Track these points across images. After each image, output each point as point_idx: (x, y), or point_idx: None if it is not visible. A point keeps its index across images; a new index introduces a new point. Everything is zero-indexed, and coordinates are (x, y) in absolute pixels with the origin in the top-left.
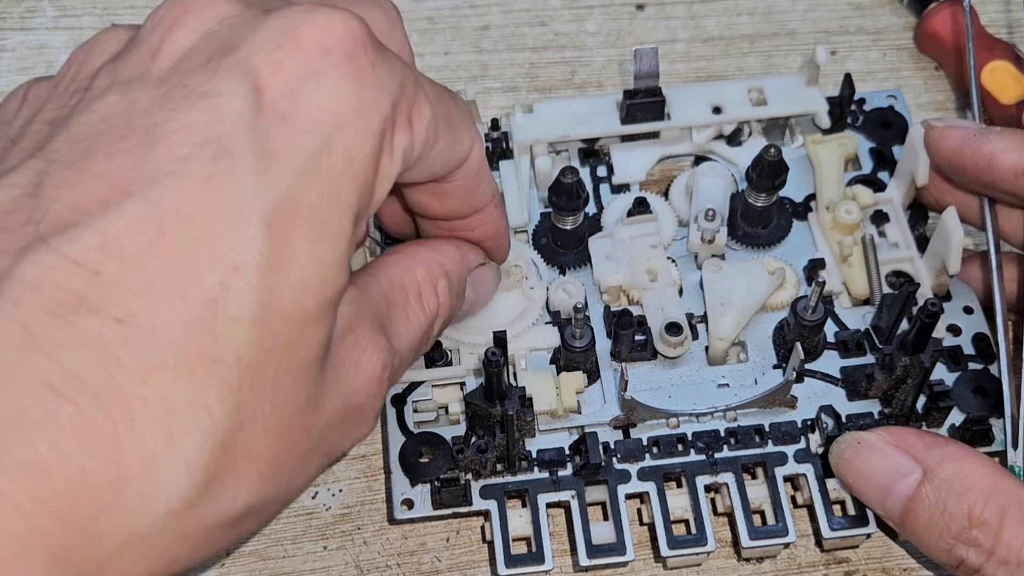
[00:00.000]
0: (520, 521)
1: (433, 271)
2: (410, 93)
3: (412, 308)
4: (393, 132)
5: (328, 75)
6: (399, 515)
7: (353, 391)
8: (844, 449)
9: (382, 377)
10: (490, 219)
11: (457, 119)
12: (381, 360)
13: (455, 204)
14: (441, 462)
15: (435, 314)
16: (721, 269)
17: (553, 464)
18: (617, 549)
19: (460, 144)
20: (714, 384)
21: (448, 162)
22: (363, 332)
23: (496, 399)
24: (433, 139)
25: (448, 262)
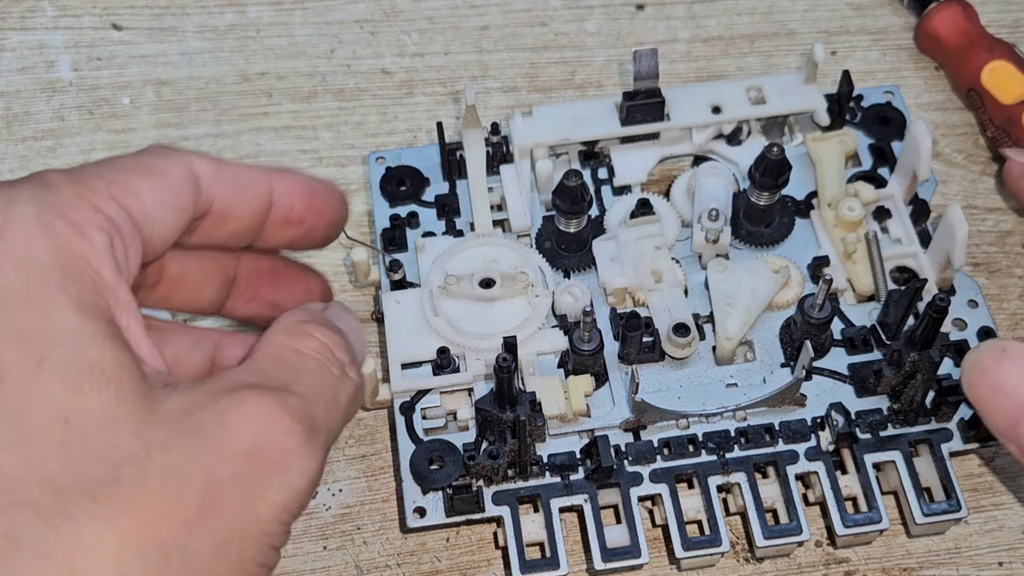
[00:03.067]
0: (533, 526)
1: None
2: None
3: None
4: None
5: None
6: (412, 523)
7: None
8: (983, 357)
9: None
10: (291, 191)
11: (153, 162)
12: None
13: (244, 210)
14: (452, 469)
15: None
16: (726, 269)
17: (564, 468)
18: (632, 552)
19: (172, 174)
20: (723, 384)
21: (178, 195)
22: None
23: (507, 405)
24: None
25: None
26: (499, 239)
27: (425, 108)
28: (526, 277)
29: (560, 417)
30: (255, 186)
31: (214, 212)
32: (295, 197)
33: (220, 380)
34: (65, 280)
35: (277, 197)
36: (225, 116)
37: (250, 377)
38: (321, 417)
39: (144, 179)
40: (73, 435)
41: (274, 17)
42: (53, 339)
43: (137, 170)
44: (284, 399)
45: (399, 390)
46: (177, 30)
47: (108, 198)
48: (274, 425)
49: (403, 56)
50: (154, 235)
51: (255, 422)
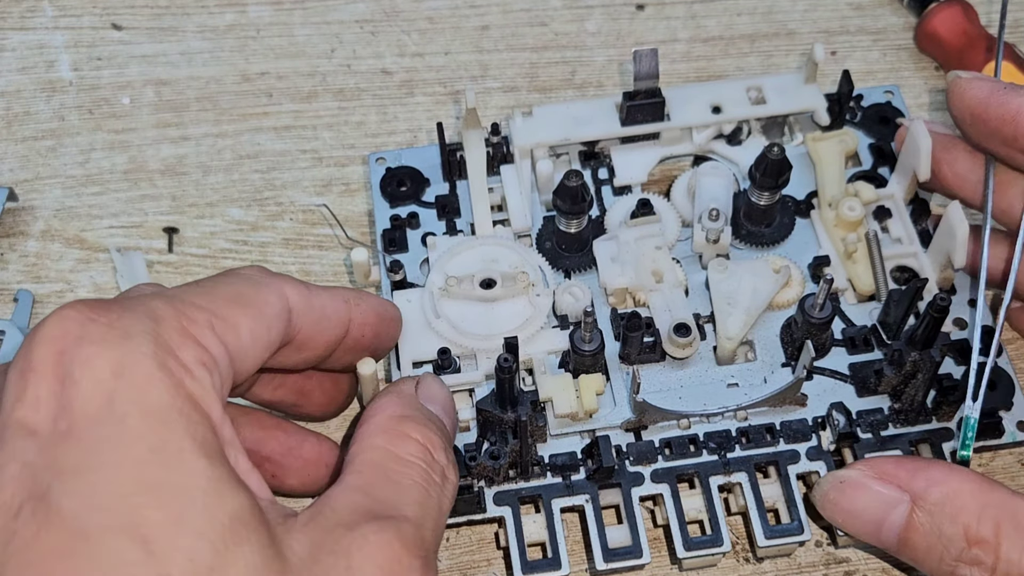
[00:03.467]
0: (535, 527)
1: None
2: (168, 315)
3: (395, 472)
4: (177, 356)
5: (76, 371)
6: None
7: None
8: (827, 491)
9: (392, 556)
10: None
11: (247, 292)
12: (377, 545)
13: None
14: None
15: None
16: (727, 269)
17: (566, 469)
18: (633, 552)
19: (269, 307)
20: (723, 384)
21: (271, 328)
22: (339, 539)
23: (508, 405)
24: (232, 330)
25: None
26: (499, 239)
27: (425, 108)
28: (527, 277)
29: (571, 416)
30: (337, 316)
31: (296, 342)
32: (368, 327)
33: (334, 510)
34: (188, 424)
35: (354, 326)
36: (225, 116)
37: (360, 501)
38: (431, 537)
39: (242, 312)
40: None
41: (274, 17)
42: (189, 493)
43: (236, 301)
44: (401, 531)
45: None
46: (177, 30)
47: (210, 332)
48: (397, 565)
49: (403, 56)
50: (244, 368)
51: (379, 565)
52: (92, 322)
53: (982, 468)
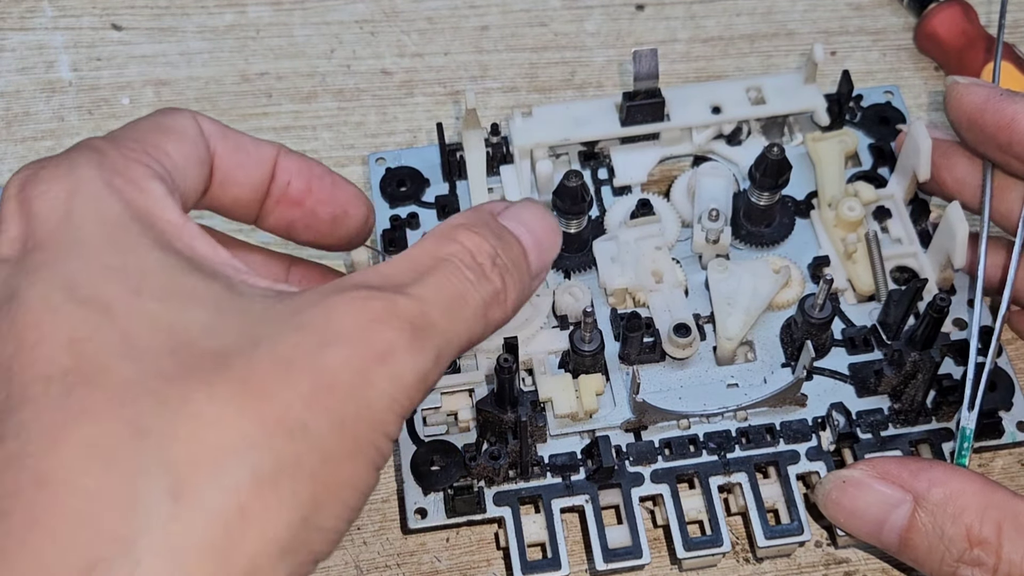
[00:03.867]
0: (534, 527)
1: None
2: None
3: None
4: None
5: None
6: (413, 524)
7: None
8: (830, 491)
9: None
10: (291, 167)
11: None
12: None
13: (245, 176)
14: (453, 470)
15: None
16: (726, 269)
17: (566, 469)
18: (633, 552)
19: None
20: (723, 384)
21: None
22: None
23: (508, 405)
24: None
25: (457, 219)
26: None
27: (425, 108)
28: None
29: (571, 416)
30: (257, 153)
31: (217, 173)
32: (293, 174)
33: (339, 282)
34: (144, 228)
35: (278, 171)
36: (225, 116)
37: (370, 278)
38: (438, 318)
39: (165, 137)
40: (179, 340)
41: (274, 17)
42: (147, 272)
43: (157, 130)
44: (393, 300)
45: None
46: (177, 30)
47: (147, 156)
48: (377, 323)
49: (403, 56)
50: (187, 189)
51: (357, 319)
52: (43, 167)
53: (982, 468)
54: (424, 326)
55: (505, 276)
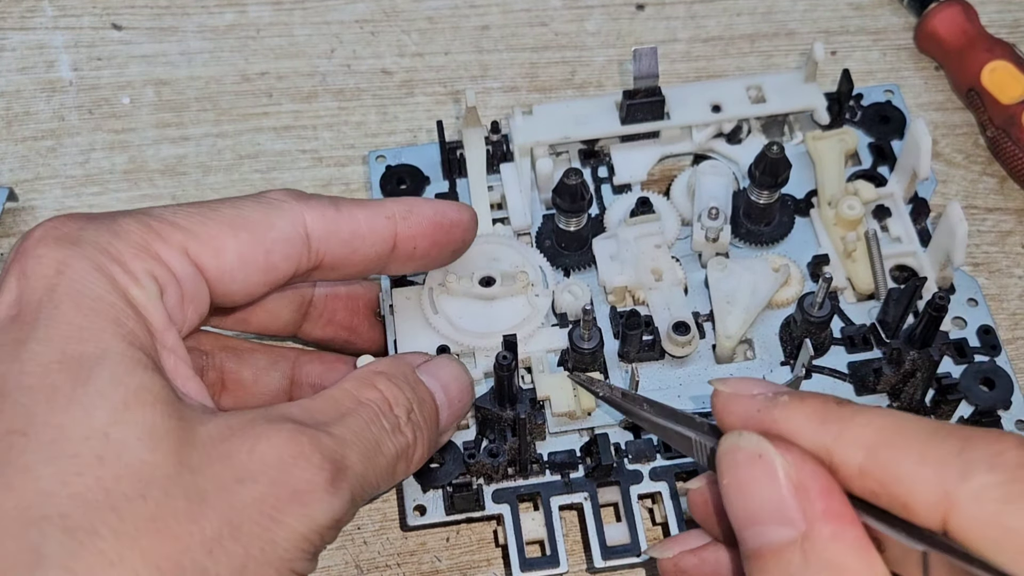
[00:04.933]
0: (533, 524)
1: (363, 375)
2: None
3: (343, 405)
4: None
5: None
6: (412, 521)
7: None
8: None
9: (297, 452)
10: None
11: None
12: (285, 438)
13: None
14: (452, 467)
15: (381, 403)
16: (726, 268)
17: (565, 466)
18: (632, 550)
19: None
20: None
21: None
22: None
23: (507, 403)
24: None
25: (380, 366)
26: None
27: (425, 108)
28: (526, 276)
29: (569, 414)
30: (375, 234)
31: (325, 266)
32: (422, 239)
33: (266, 411)
34: (116, 316)
35: (401, 241)
36: (225, 116)
37: (295, 412)
38: (355, 462)
39: (234, 235)
40: (110, 449)
41: (274, 17)
42: (100, 363)
43: (230, 223)
44: (317, 437)
45: None
46: (177, 30)
47: (178, 252)
48: (300, 459)
49: (403, 56)
50: (232, 291)
51: (280, 453)
52: (55, 229)
53: None
54: (343, 468)
55: (416, 432)
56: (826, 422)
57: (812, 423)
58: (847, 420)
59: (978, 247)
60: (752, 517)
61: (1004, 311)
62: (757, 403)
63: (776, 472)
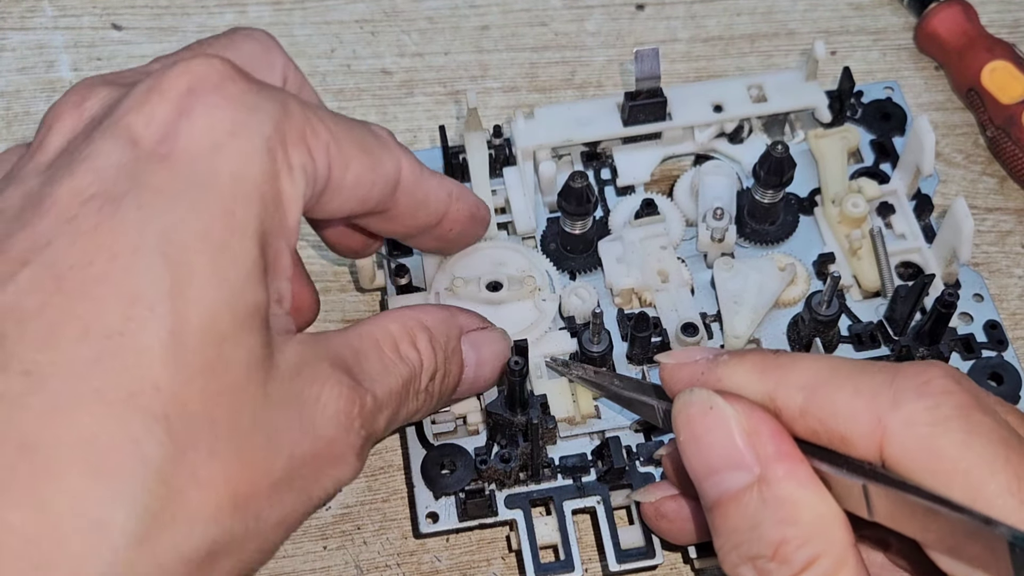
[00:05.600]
0: (546, 529)
1: (410, 326)
2: (297, 115)
3: (387, 357)
4: (286, 151)
5: (197, 110)
6: (425, 529)
7: (316, 424)
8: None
9: (349, 412)
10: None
11: (371, 143)
12: (344, 394)
13: (412, 221)
14: (464, 473)
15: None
16: (732, 267)
17: (576, 470)
18: (647, 553)
19: (381, 165)
20: None
21: (375, 185)
22: (320, 368)
23: (518, 408)
24: (342, 160)
25: (429, 319)
26: (508, 242)
27: (425, 108)
28: (533, 281)
29: (569, 420)
30: (436, 206)
31: (390, 214)
32: (459, 224)
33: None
34: (263, 211)
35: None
36: None
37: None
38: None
39: (359, 156)
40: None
41: (274, 17)
42: (236, 264)
43: (359, 143)
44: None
45: None
46: (177, 30)
47: (324, 152)
48: (351, 423)
49: (403, 56)
50: (332, 205)
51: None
52: (231, 80)
53: None
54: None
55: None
56: (766, 371)
57: (753, 374)
58: (786, 367)
59: (978, 247)
60: (709, 467)
61: (1004, 311)
62: (700, 366)
63: (728, 421)
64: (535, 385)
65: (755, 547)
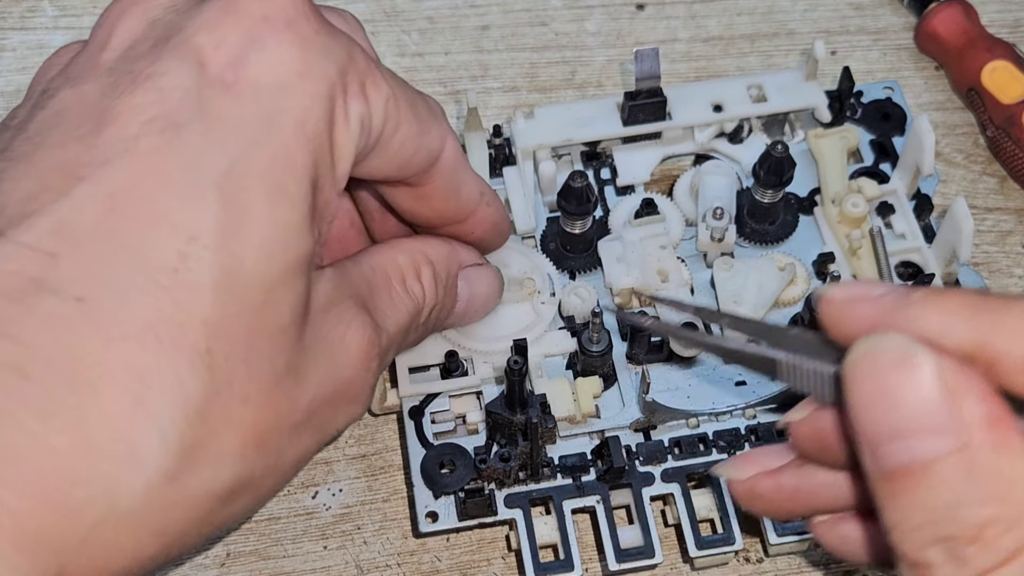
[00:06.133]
0: (546, 529)
1: (416, 259)
2: (361, 64)
3: (396, 291)
4: (346, 99)
5: (270, 42)
6: (424, 528)
7: (340, 364)
8: (885, 353)
9: (369, 352)
10: (483, 218)
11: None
12: (367, 335)
13: (440, 206)
14: (464, 473)
15: (420, 301)
16: (732, 267)
17: (576, 470)
18: (646, 552)
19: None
20: (731, 382)
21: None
22: (346, 308)
23: (518, 407)
24: (395, 119)
25: (433, 253)
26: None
27: None
28: (533, 283)
29: (569, 419)
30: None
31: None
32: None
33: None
34: (318, 155)
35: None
36: None
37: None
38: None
39: (409, 120)
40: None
41: None
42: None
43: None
44: (380, 340)
45: (407, 394)
46: None
47: (382, 106)
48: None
49: (403, 56)
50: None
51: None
52: (305, 18)
53: None
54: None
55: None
56: (977, 314)
57: (960, 318)
58: (1001, 310)
59: (978, 247)
60: (896, 430)
61: None
62: (885, 304)
63: (929, 375)
64: (535, 384)
65: (950, 527)
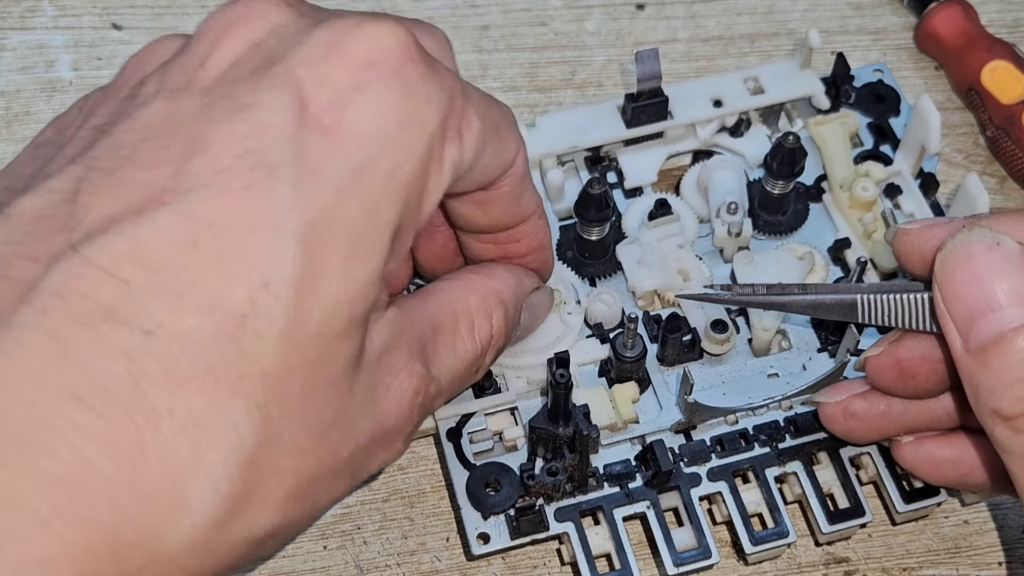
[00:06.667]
0: (598, 539)
1: (489, 300)
2: (459, 105)
3: (461, 336)
4: (443, 146)
5: (374, 89)
6: (477, 551)
7: (383, 414)
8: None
9: (413, 403)
10: (534, 230)
11: (503, 125)
12: (413, 386)
13: (500, 213)
14: (511, 491)
15: (487, 344)
16: (752, 260)
17: (622, 477)
18: (703, 553)
19: (506, 150)
20: (764, 375)
21: (496, 169)
22: (398, 357)
23: (561, 420)
24: (482, 149)
25: (505, 290)
26: None
27: None
28: (559, 295)
29: (611, 427)
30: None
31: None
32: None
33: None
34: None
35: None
36: None
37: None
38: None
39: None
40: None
41: None
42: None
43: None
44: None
45: (443, 416)
46: (177, 30)
47: (473, 143)
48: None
49: None
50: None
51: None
52: (412, 62)
53: None
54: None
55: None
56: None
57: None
58: None
59: None
60: (990, 304)
61: None
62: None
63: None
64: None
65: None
